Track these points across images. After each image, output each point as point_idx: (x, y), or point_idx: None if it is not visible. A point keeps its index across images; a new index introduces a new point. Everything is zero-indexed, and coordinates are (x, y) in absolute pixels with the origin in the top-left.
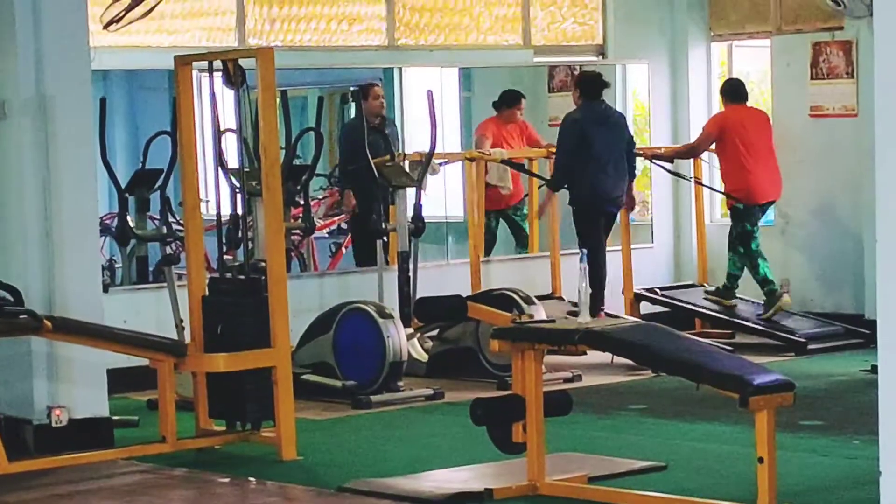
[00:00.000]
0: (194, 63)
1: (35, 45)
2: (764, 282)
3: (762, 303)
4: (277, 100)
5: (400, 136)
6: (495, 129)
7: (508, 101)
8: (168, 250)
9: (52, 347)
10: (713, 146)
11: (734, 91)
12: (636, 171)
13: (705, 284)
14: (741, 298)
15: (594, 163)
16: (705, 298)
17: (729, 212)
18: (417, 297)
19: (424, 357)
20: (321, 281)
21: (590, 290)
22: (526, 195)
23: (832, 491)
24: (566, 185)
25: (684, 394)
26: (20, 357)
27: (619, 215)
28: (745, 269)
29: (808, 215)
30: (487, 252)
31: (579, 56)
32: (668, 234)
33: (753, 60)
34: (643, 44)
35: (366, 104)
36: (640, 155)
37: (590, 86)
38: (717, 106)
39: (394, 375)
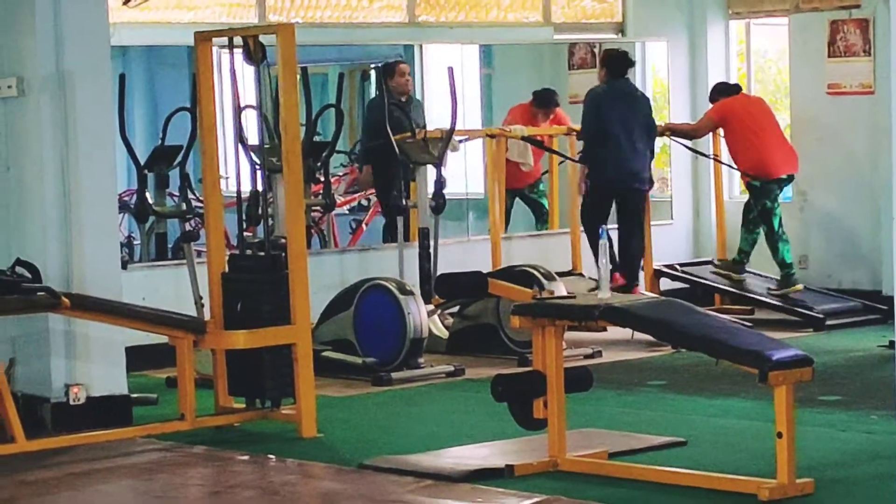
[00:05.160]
0: (214, 39)
1: (54, 21)
2: (783, 264)
3: (777, 279)
4: (298, 76)
5: (423, 116)
6: (528, 117)
7: (543, 102)
8: (187, 227)
9: (70, 325)
10: (721, 133)
11: (726, 88)
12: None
13: (714, 260)
14: (755, 273)
15: (612, 140)
16: (713, 272)
17: (747, 190)
18: (438, 273)
19: (445, 334)
20: (341, 257)
21: (609, 266)
22: (545, 172)
23: (851, 466)
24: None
25: (704, 369)
26: (38, 334)
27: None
28: (764, 244)
29: (825, 192)
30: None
31: (599, 34)
32: (688, 210)
33: (771, 38)
34: (662, 22)
35: (392, 82)
36: (660, 134)
37: (615, 64)
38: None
39: (414, 352)
